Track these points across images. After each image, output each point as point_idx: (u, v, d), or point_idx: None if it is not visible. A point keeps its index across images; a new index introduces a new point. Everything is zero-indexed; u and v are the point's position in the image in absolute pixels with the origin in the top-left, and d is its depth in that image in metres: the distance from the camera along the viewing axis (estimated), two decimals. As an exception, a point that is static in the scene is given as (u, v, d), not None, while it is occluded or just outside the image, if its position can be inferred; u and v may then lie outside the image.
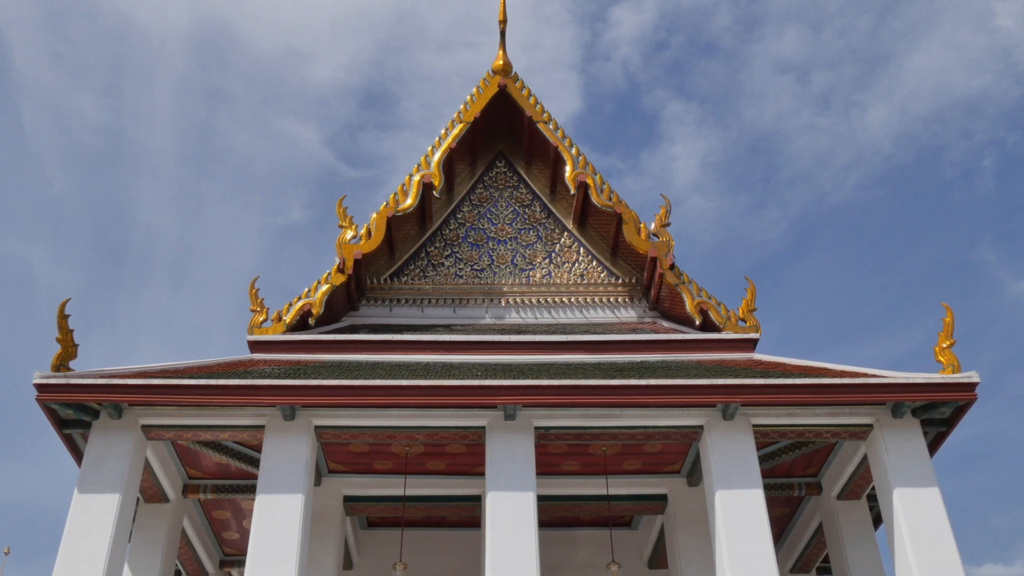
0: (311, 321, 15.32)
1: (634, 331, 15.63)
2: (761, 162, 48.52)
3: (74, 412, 12.16)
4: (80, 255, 46.56)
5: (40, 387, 11.85)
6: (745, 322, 15.27)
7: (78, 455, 12.67)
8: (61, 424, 12.42)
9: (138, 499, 13.58)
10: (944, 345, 12.80)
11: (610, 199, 16.50)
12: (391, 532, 16.33)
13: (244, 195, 49.50)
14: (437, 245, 17.49)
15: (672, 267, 15.90)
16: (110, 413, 12.22)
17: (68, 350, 12.33)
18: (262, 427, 12.51)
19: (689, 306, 15.47)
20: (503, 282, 17.08)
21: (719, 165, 49.09)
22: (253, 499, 12.35)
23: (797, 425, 12.78)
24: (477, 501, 14.21)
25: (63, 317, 12.41)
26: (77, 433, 12.60)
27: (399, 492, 14.22)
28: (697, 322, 15.40)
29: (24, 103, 44.14)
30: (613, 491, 14.34)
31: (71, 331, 12.45)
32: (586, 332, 15.41)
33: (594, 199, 16.53)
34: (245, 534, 15.71)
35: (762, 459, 13.27)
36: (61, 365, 12.16)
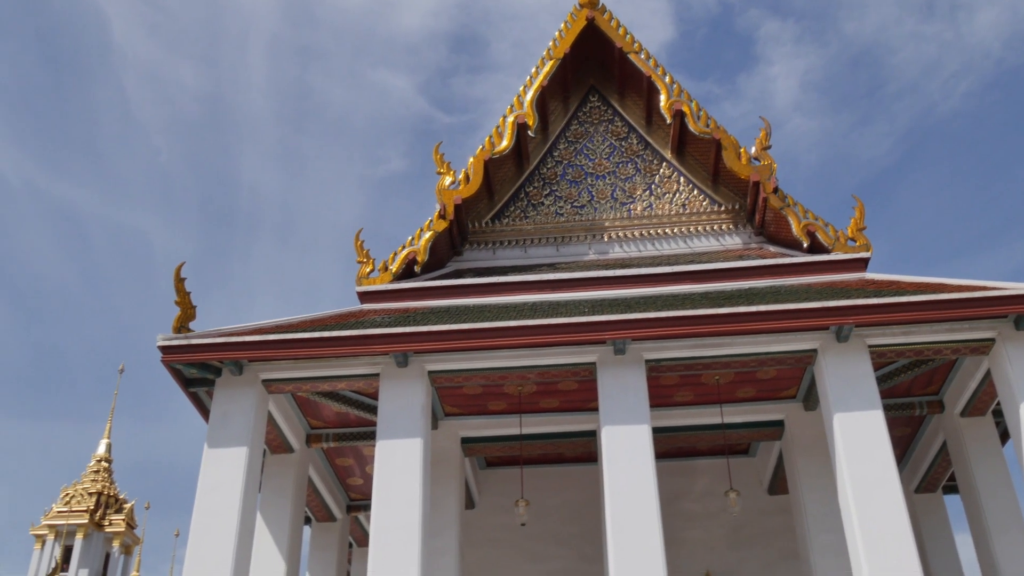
0: (417, 269, 15.51)
1: (740, 258, 15.41)
2: (864, 76, 46.98)
3: (197, 371, 12.61)
4: (191, 220, 47.99)
5: (164, 349, 12.31)
6: (855, 241, 14.91)
7: (205, 412, 13.14)
8: (186, 383, 12.90)
9: (264, 451, 14.07)
10: (1068, 251, 12.31)
11: (707, 126, 16.21)
12: (509, 471, 16.62)
13: (343, 149, 50.21)
14: (536, 185, 17.46)
15: (776, 190, 15.59)
16: (231, 370, 12.65)
17: (187, 312, 12.76)
18: (377, 375, 12.77)
19: (795, 229, 15.17)
20: (604, 217, 16.98)
21: (820, 83, 47.70)
22: (374, 445, 12.69)
23: (915, 343, 12.48)
24: (592, 436, 14.33)
25: (179, 280, 12.83)
26: (202, 391, 13.07)
27: (515, 431, 14.41)
28: (805, 245, 15.09)
29: (126, 76, 45.41)
30: (728, 419, 14.27)
31: (188, 293, 12.87)
32: (691, 262, 15.25)
33: (691, 127, 16.26)
34: (369, 480, 16.16)
35: (880, 379, 13.02)
36: (182, 327, 12.60)
